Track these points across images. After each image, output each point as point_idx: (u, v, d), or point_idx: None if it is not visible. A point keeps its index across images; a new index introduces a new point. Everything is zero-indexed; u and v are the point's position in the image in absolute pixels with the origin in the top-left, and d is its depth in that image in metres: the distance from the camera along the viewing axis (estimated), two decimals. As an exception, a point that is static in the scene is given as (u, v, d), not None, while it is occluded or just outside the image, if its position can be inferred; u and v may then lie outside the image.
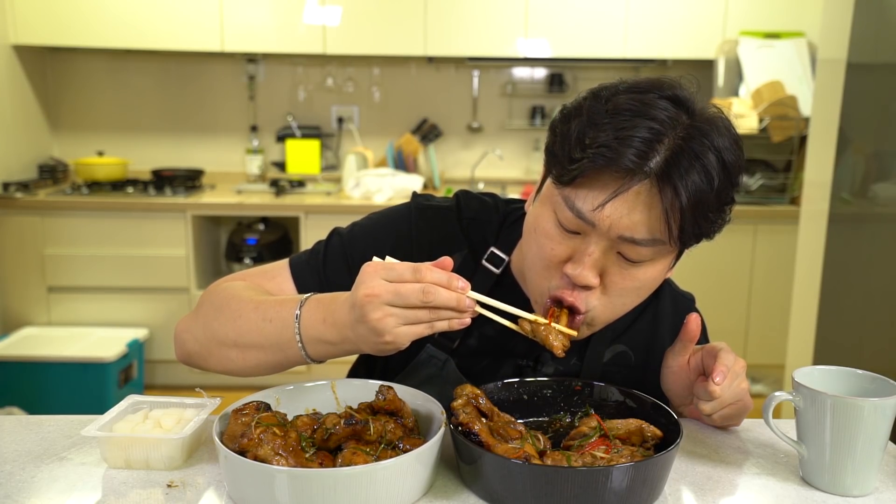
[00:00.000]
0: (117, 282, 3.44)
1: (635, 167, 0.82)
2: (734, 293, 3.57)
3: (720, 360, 0.93)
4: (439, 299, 0.80)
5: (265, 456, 0.77)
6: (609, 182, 0.84)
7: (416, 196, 1.13)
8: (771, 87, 3.53)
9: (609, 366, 1.09)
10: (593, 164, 0.83)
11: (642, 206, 0.84)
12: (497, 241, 1.08)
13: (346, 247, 1.09)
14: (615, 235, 0.86)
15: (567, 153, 0.86)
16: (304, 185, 3.82)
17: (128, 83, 3.95)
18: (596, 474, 0.76)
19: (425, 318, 0.81)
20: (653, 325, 1.11)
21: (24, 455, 0.90)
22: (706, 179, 0.84)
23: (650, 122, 0.83)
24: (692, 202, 0.83)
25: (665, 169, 0.83)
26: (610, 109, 0.85)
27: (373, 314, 0.81)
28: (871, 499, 0.85)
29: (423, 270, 0.81)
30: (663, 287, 1.11)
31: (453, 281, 0.81)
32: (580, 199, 0.86)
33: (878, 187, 2.22)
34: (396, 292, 0.80)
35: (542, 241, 0.91)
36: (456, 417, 0.84)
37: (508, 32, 3.65)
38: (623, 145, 0.82)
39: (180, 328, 1.06)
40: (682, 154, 0.83)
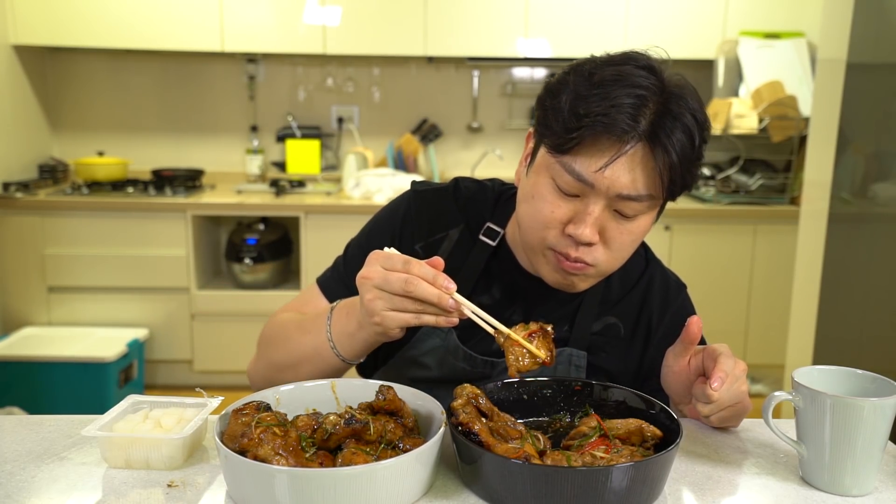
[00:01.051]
0: (117, 282, 3.45)
1: (629, 130, 0.91)
2: (734, 293, 3.57)
3: (719, 366, 0.93)
4: (419, 291, 0.87)
5: (265, 456, 0.77)
6: (605, 146, 0.92)
7: (414, 183, 1.23)
8: (771, 87, 3.53)
9: (598, 336, 1.14)
10: (592, 131, 0.91)
11: (638, 166, 0.93)
12: (493, 215, 1.16)
13: (362, 248, 1.17)
14: (614, 194, 0.95)
15: (563, 124, 0.93)
16: (304, 185, 3.82)
17: (128, 83, 3.95)
18: (596, 474, 0.76)
19: (411, 308, 0.89)
20: (643, 300, 1.16)
21: (24, 455, 0.90)
22: (688, 137, 0.94)
23: (635, 89, 0.92)
24: (679, 158, 0.93)
25: (653, 130, 0.92)
26: (596, 82, 0.94)
27: (365, 295, 0.91)
28: (871, 499, 0.85)
29: (412, 263, 0.89)
30: (655, 267, 1.20)
31: (438, 279, 0.88)
32: (580, 164, 0.94)
33: (877, 187, 2.22)
34: (384, 278, 0.89)
35: (541, 205, 0.99)
36: (456, 417, 0.84)
37: (508, 32, 3.65)
38: (616, 111, 0.91)
39: (249, 372, 1.18)
40: (666, 116, 0.93)
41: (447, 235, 1.16)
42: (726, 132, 3.55)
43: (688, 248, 3.50)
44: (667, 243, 3.49)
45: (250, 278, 3.56)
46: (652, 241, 1.16)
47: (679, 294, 1.19)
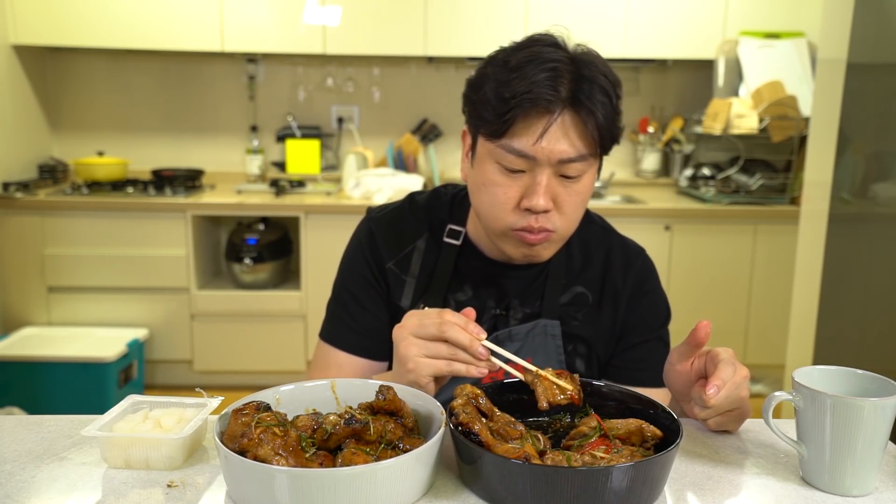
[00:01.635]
0: (117, 282, 3.45)
1: (553, 99, 1.00)
2: (734, 293, 3.57)
3: (717, 373, 0.94)
4: (451, 333, 0.92)
5: (265, 456, 0.77)
6: (536, 120, 1.01)
7: (369, 210, 1.28)
8: (771, 87, 3.53)
9: (568, 306, 1.21)
10: (521, 109, 1.00)
11: (570, 130, 1.03)
12: (451, 217, 1.23)
13: (348, 287, 1.23)
14: (555, 160, 1.03)
15: (493, 111, 1.02)
16: (304, 185, 3.82)
17: (128, 83, 3.95)
18: (596, 474, 0.76)
19: (444, 353, 0.93)
20: (605, 267, 1.23)
21: (24, 455, 0.90)
22: (606, 96, 1.03)
23: (548, 63, 1.01)
24: (604, 115, 1.02)
25: (574, 96, 1.01)
26: (513, 67, 1.02)
27: (401, 343, 0.96)
28: (871, 499, 0.85)
29: (446, 312, 0.95)
30: (612, 236, 1.27)
31: (470, 325, 0.94)
32: (517, 141, 1.03)
33: (878, 187, 2.22)
34: (420, 324, 0.95)
35: (494, 189, 1.07)
36: (456, 417, 0.84)
37: (508, 32, 3.61)
38: (537, 87, 1.00)
39: None
40: (582, 81, 1.01)
41: (415, 247, 1.22)
42: (726, 132, 3.55)
43: (688, 248, 3.50)
44: (667, 243, 3.49)
45: (250, 278, 3.56)
46: (652, 241, 1.17)
47: (639, 257, 1.25)
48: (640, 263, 1.24)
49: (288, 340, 3.51)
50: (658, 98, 4.08)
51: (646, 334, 1.21)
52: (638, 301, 1.21)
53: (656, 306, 1.24)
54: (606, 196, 3.85)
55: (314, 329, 3.51)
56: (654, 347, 1.21)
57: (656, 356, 1.19)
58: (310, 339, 3.47)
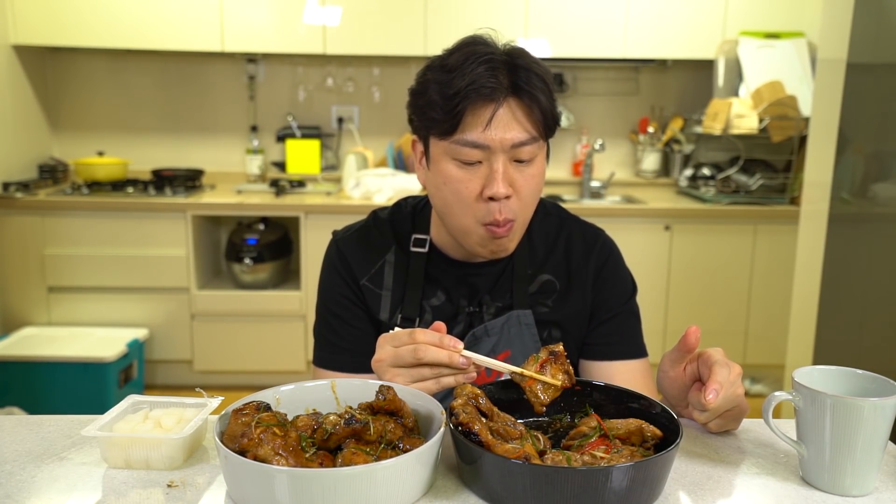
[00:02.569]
0: (117, 282, 3.45)
1: (496, 87, 1.05)
2: (734, 293, 3.57)
3: (714, 376, 0.93)
4: (429, 356, 0.92)
5: (265, 456, 0.77)
6: (483, 110, 1.06)
7: (334, 233, 1.32)
8: (771, 87, 3.53)
9: (537, 294, 1.25)
10: (467, 101, 1.05)
11: (517, 114, 1.08)
12: (415, 226, 1.27)
13: (331, 309, 1.25)
14: (508, 146, 1.07)
15: (441, 111, 1.07)
16: (304, 185, 3.82)
17: (128, 83, 3.95)
18: (596, 474, 0.76)
19: (428, 375, 0.94)
20: (567, 252, 1.27)
21: (24, 455, 0.90)
22: (543, 83, 1.08)
23: (482, 57, 1.06)
24: (544, 100, 1.08)
25: (514, 84, 1.07)
26: (451, 67, 1.07)
27: (384, 376, 0.96)
28: (871, 499, 0.85)
29: (416, 333, 0.95)
30: (570, 222, 1.31)
31: (444, 340, 0.94)
32: (469, 133, 1.07)
33: (877, 187, 2.22)
34: (395, 355, 0.95)
35: (455, 185, 1.10)
36: (456, 417, 0.84)
37: (508, 32, 3.61)
38: (479, 78, 1.05)
39: None
40: (518, 70, 1.07)
41: (385, 260, 1.25)
42: (726, 132, 3.55)
43: (688, 248, 3.50)
44: (667, 243, 3.49)
45: (250, 278, 3.56)
46: (652, 241, 1.18)
47: (597, 238, 1.29)
48: (599, 245, 1.28)
49: (288, 340, 3.51)
50: (658, 98, 4.07)
51: (615, 309, 1.25)
52: (604, 281, 1.26)
53: (622, 283, 1.28)
54: (606, 196, 3.85)
55: (314, 329, 3.52)
56: (624, 320, 1.26)
57: (628, 328, 1.26)
58: (310, 339, 3.46)
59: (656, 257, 3.47)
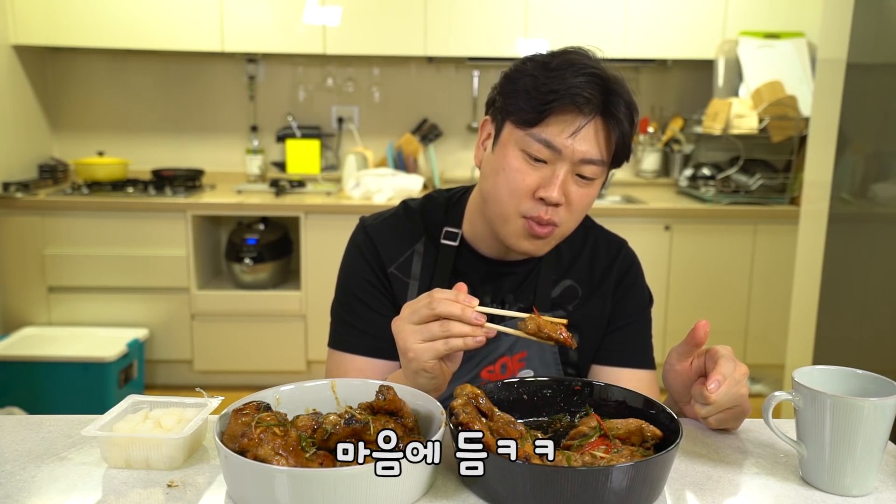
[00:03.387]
0: (117, 282, 3.44)
1: (591, 100, 1.06)
2: (734, 293, 3.57)
3: (717, 368, 0.95)
4: (442, 307, 0.93)
5: (265, 456, 0.77)
6: (571, 118, 1.07)
7: (362, 219, 1.30)
8: (771, 87, 3.53)
9: (559, 299, 1.26)
10: (560, 104, 1.06)
11: (599, 133, 1.09)
12: (447, 219, 1.26)
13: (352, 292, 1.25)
14: (578, 159, 1.08)
15: (530, 102, 1.07)
16: (304, 185, 3.82)
17: (128, 83, 3.95)
18: (596, 474, 0.76)
19: (438, 333, 0.94)
20: (591, 260, 1.28)
21: (24, 455, 0.90)
22: (629, 113, 1.10)
23: (585, 69, 1.07)
24: (626, 130, 1.10)
25: (606, 106, 1.08)
26: (552, 68, 1.08)
27: (399, 335, 0.97)
28: (871, 499, 0.85)
29: (435, 291, 0.96)
30: (595, 231, 1.32)
31: (460, 295, 0.95)
32: (549, 133, 1.07)
33: (877, 187, 2.22)
34: (412, 310, 0.96)
35: (513, 174, 1.10)
36: (456, 417, 0.84)
37: (508, 32, 3.64)
38: (577, 87, 1.06)
39: None
40: (612, 94, 1.08)
41: (414, 250, 1.25)
42: (726, 132, 3.55)
43: (688, 248, 3.50)
44: (667, 243, 3.49)
45: (250, 278, 3.56)
46: (652, 241, 1.19)
47: (621, 248, 1.31)
48: (623, 255, 1.30)
49: (288, 340, 3.51)
50: (658, 98, 4.07)
51: (629, 318, 1.27)
52: (624, 290, 1.28)
53: (640, 293, 1.30)
54: (606, 196, 3.85)
55: (314, 329, 3.53)
56: (637, 329, 1.28)
57: (640, 338, 1.27)
58: (310, 340, 3.47)
59: (656, 257, 3.47)
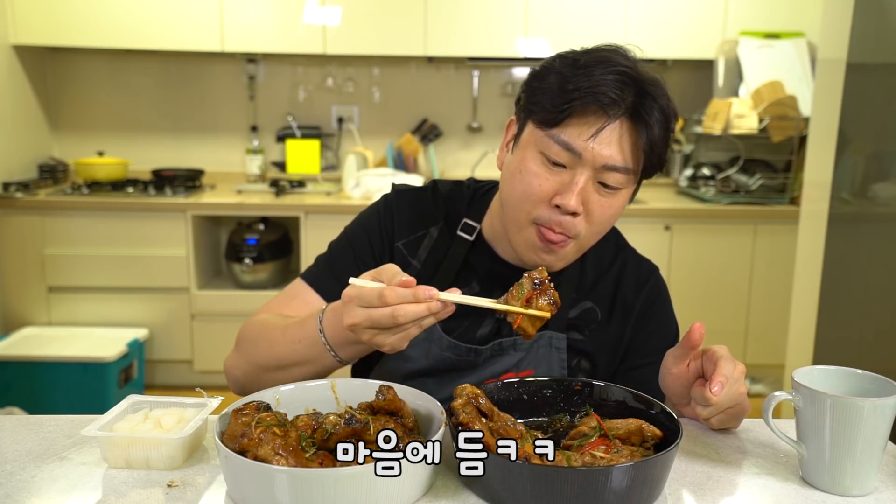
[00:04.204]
0: (117, 282, 3.44)
1: (616, 100, 0.99)
2: (734, 293, 3.57)
3: (719, 370, 0.93)
4: (408, 315, 0.87)
5: (265, 456, 0.77)
6: (593, 118, 1.00)
7: (394, 186, 1.26)
8: (771, 87, 3.53)
9: (576, 320, 1.19)
10: (582, 102, 0.99)
11: (623, 137, 1.01)
12: (468, 211, 1.21)
13: (349, 244, 1.22)
14: (600, 165, 1.01)
15: (552, 100, 1.01)
16: (304, 185, 3.82)
17: (128, 83, 3.95)
18: (596, 474, 0.76)
19: (408, 326, 0.90)
20: (617, 282, 1.21)
21: (24, 455, 0.90)
22: (665, 119, 1.02)
23: (616, 67, 1.00)
24: (657, 135, 1.01)
25: (636, 108, 1.00)
26: (581, 65, 1.01)
27: (362, 336, 0.91)
28: (871, 499, 0.85)
29: (386, 295, 0.87)
30: (626, 252, 1.25)
31: (418, 293, 0.87)
32: (568, 134, 1.01)
33: (878, 187, 2.22)
34: (370, 319, 0.88)
35: (530, 178, 1.04)
36: (456, 417, 0.84)
37: (508, 32, 3.65)
38: (602, 86, 0.99)
39: (227, 365, 1.19)
40: (645, 96, 1.01)
41: (427, 233, 1.21)
42: (726, 132, 3.55)
43: (688, 248, 3.50)
44: (667, 243, 3.49)
45: (250, 278, 3.56)
46: (652, 241, 1.16)
47: (651, 274, 1.23)
48: (652, 282, 1.22)
49: (288, 340, 3.51)
50: (658, 98, 4.07)
51: (651, 356, 1.16)
52: (647, 320, 1.19)
53: (666, 327, 1.21)
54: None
55: (314, 329, 3.52)
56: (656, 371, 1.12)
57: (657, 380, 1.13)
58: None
59: (656, 257, 3.43)
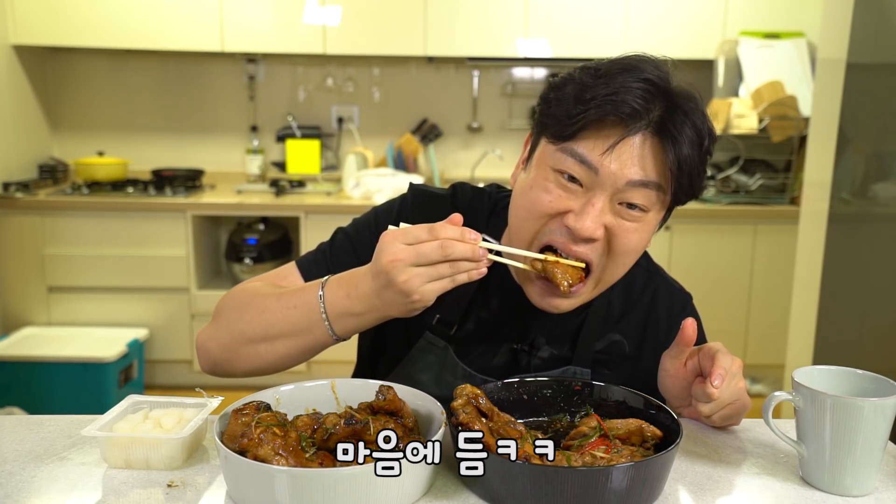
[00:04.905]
0: (117, 282, 3.44)
1: (639, 111, 0.88)
2: (734, 293, 3.57)
3: (717, 363, 0.93)
4: (456, 251, 0.84)
5: (265, 456, 0.77)
6: (611, 131, 0.89)
7: (412, 185, 1.18)
8: (771, 87, 3.53)
9: (601, 354, 1.11)
10: (598, 111, 0.88)
11: (647, 154, 0.90)
12: (487, 226, 1.12)
13: (350, 240, 1.13)
14: (621, 183, 0.91)
15: (566, 111, 0.91)
16: (304, 185, 3.82)
17: (128, 83, 3.95)
18: (596, 474, 0.76)
19: (447, 273, 0.86)
20: (647, 314, 1.13)
21: (24, 455, 0.90)
22: (698, 137, 0.91)
23: (644, 75, 0.90)
24: (687, 154, 0.90)
25: (662, 123, 0.90)
26: (602, 73, 0.91)
27: (399, 277, 0.85)
28: (871, 499, 0.85)
29: (437, 228, 0.85)
30: (658, 280, 1.16)
31: (466, 234, 0.85)
32: (584, 147, 0.91)
33: (877, 187, 2.22)
34: (417, 252, 0.85)
35: (539, 194, 0.94)
36: (456, 417, 0.84)
37: (508, 32, 3.64)
38: (625, 94, 0.88)
39: (201, 339, 1.08)
40: (676, 111, 0.90)
41: None
42: (726, 132, 3.55)
43: (688, 248, 3.50)
44: (667, 243, 3.49)
45: (250, 278, 3.55)
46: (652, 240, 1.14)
47: (685, 306, 1.15)
48: (687, 313, 1.12)
49: (288, 340, 3.51)
50: (658, 98, 4.07)
51: None
52: None
53: None
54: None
55: (314, 329, 3.52)
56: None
57: None
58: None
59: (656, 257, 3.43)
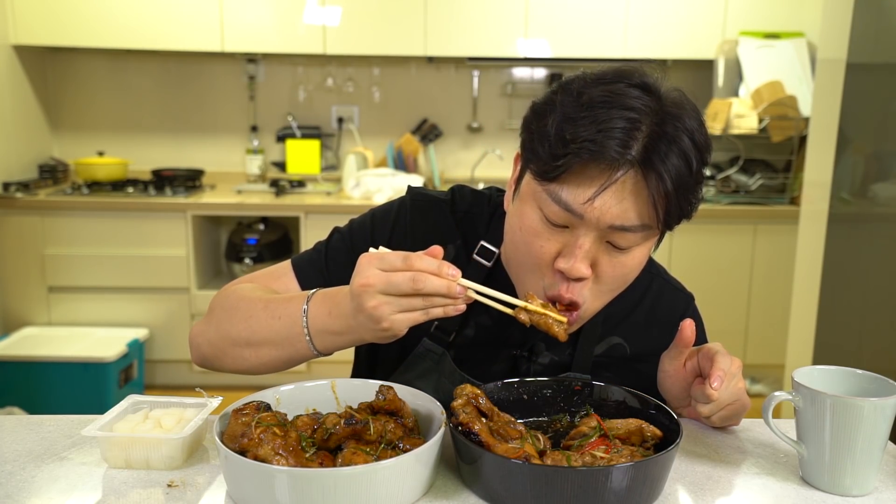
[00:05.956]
0: (117, 282, 3.44)
1: (619, 157, 0.85)
2: (734, 293, 3.57)
3: (717, 365, 0.92)
4: (429, 286, 0.82)
5: (265, 456, 0.77)
6: (594, 174, 0.86)
7: (411, 189, 1.16)
8: (771, 87, 3.53)
9: (602, 357, 1.10)
10: (578, 158, 0.85)
11: (630, 195, 0.87)
12: (487, 233, 1.10)
13: (346, 241, 1.12)
14: (605, 226, 0.88)
15: (548, 150, 0.87)
16: (304, 185, 3.82)
17: (128, 83, 3.95)
18: (596, 474, 0.76)
19: (419, 306, 0.83)
20: (648, 318, 1.12)
21: (24, 455, 0.90)
22: (685, 162, 0.87)
23: (626, 111, 0.86)
24: (675, 185, 0.87)
25: (646, 156, 0.86)
26: (584, 103, 0.87)
27: (368, 303, 0.83)
28: (871, 499, 0.85)
29: (412, 259, 0.83)
30: (659, 282, 1.14)
31: (443, 268, 0.83)
32: (567, 193, 0.88)
33: (877, 187, 2.22)
34: (388, 281, 0.82)
35: (530, 239, 0.93)
36: (456, 417, 0.84)
37: (508, 32, 3.64)
38: (605, 137, 0.84)
39: (194, 333, 1.09)
40: (660, 139, 0.86)
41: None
42: (726, 132, 3.55)
43: (688, 248, 3.50)
44: (667, 243, 3.49)
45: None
46: None
47: (688, 307, 1.14)
48: (689, 315, 1.09)
49: (288, 340, 3.51)
50: (658, 98, 4.07)
51: None
52: None
53: None
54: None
55: (314, 329, 3.52)
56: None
57: None
58: (310, 339, 3.47)
59: (656, 257, 3.46)
